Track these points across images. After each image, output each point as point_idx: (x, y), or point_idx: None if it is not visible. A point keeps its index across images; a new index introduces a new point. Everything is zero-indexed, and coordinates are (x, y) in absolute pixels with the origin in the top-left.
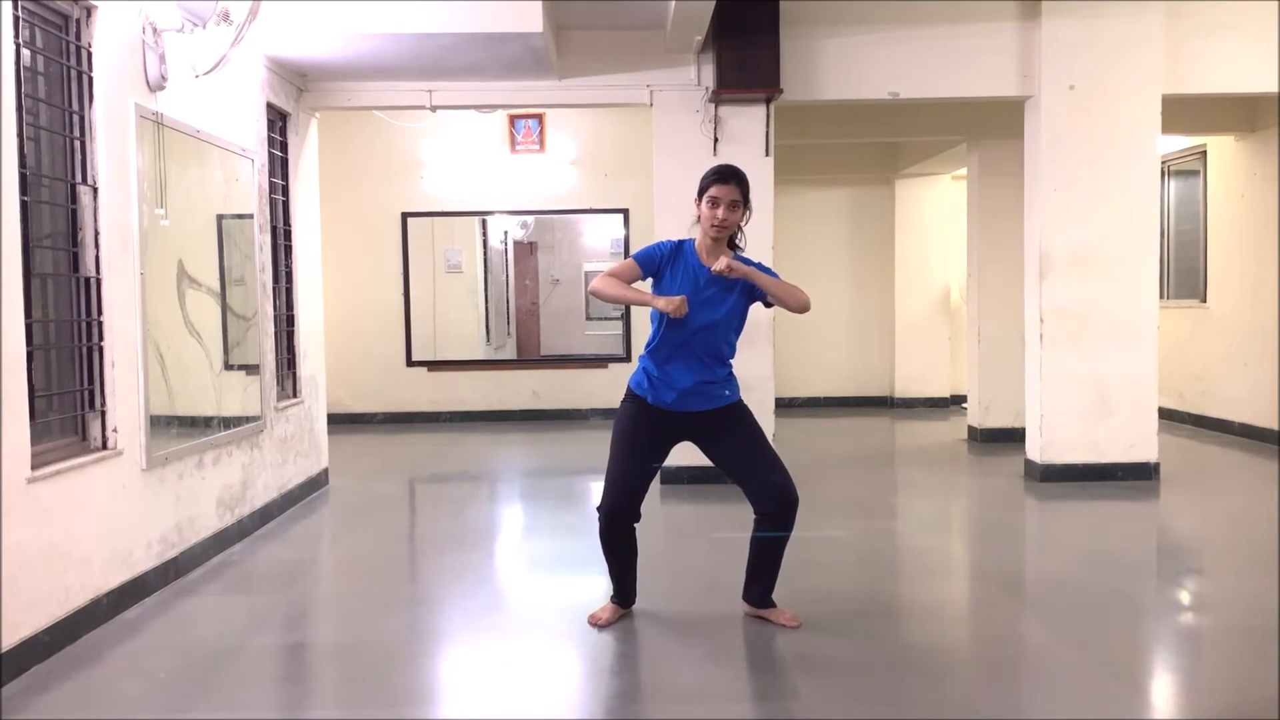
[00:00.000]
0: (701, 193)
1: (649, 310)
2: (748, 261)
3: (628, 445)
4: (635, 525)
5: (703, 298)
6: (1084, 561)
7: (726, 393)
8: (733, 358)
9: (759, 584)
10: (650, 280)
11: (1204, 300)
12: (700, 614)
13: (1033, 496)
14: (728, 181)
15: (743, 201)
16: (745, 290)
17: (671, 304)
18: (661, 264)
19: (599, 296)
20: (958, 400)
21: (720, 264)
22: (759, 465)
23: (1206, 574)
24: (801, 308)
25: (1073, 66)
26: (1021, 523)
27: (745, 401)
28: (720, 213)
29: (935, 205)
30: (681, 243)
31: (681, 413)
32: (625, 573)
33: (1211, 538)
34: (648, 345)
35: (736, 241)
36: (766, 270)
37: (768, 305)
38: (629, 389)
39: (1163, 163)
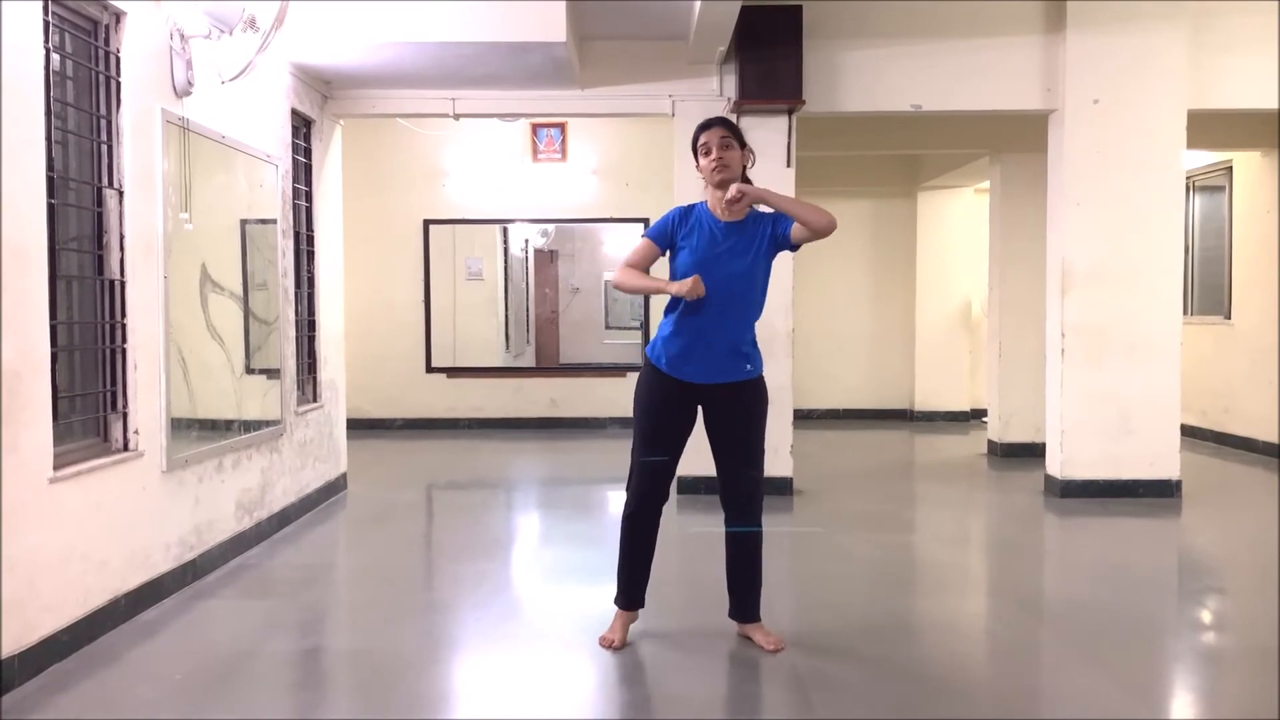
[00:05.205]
0: (694, 150)
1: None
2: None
3: (651, 423)
4: (660, 513)
5: (721, 250)
6: (1103, 579)
7: (749, 366)
8: (758, 318)
9: (735, 594)
10: (669, 253)
11: (1228, 317)
12: (715, 626)
13: (1052, 512)
14: (712, 126)
15: (736, 141)
16: (768, 238)
17: (685, 286)
18: (674, 232)
19: (620, 289)
20: (978, 414)
21: (732, 190)
22: (738, 456)
23: (1227, 593)
24: (828, 227)
25: (1097, 80)
26: (1040, 539)
27: (767, 392)
28: (715, 152)
29: (957, 218)
30: (692, 206)
31: (701, 385)
32: (640, 567)
33: (1232, 556)
34: (667, 308)
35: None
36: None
37: (794, 249)
38: (646, 358)
39: (1188, 178)
